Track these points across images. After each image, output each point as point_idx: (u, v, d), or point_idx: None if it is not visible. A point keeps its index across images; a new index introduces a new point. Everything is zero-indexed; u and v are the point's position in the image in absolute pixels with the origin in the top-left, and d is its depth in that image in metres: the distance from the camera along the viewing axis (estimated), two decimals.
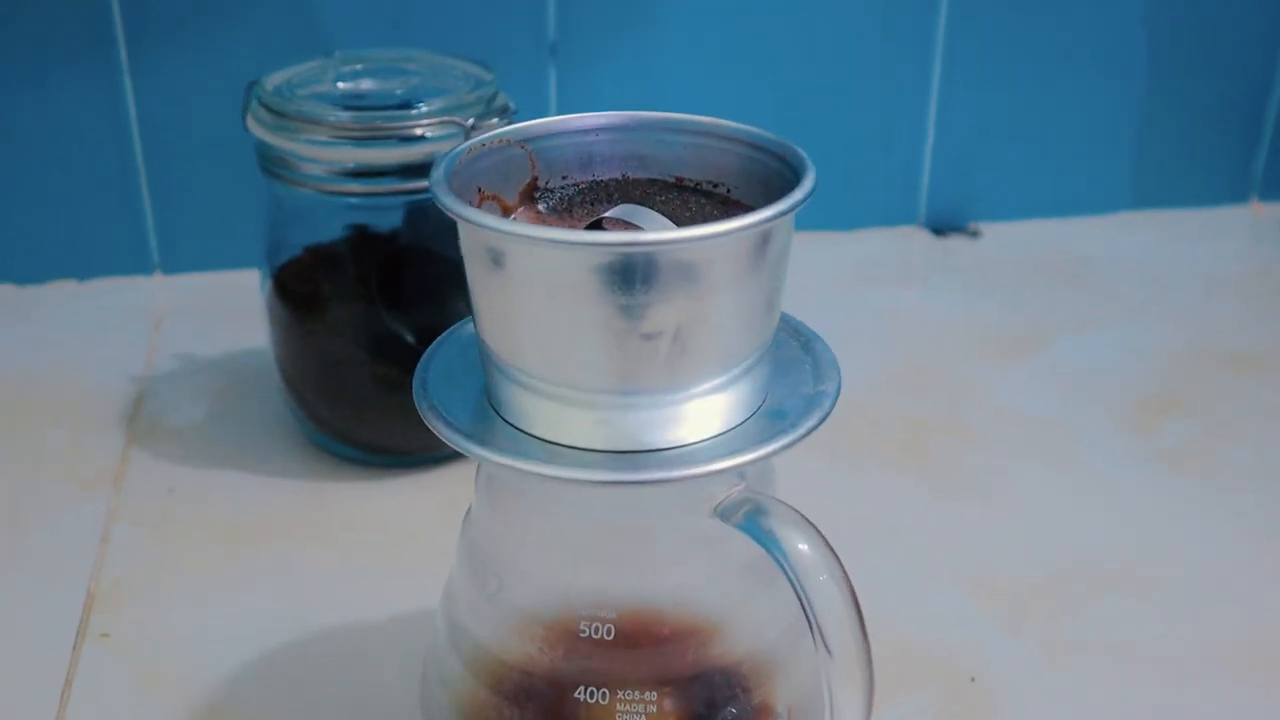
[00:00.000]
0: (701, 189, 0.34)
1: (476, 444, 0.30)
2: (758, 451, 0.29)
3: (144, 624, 0.42)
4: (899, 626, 0.42)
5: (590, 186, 0.35)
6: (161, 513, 0.48)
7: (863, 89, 0.68)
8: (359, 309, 0.48)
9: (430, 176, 0.30)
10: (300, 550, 0.46)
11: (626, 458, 0.30)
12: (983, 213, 0.72)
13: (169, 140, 0.63)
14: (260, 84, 0.47)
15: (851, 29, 0.67)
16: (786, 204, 0.29)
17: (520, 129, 0.33)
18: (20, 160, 0.62)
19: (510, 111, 0.47)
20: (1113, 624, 0.43)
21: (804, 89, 0.68)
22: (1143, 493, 0.50)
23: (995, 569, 0.45)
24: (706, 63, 0.66)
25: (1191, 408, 0.55)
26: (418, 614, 0.43)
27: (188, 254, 0.65)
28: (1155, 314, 0.63)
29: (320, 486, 0.49)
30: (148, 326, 0.61)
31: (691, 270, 0.28)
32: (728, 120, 0.34)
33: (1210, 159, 0.74)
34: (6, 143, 0.62)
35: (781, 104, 0.68)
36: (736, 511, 0.30)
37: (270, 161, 0.47)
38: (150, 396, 0.55)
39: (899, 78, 0.69)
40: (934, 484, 0.50)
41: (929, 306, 0.64)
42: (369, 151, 0.45)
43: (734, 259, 0.29)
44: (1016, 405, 0.55)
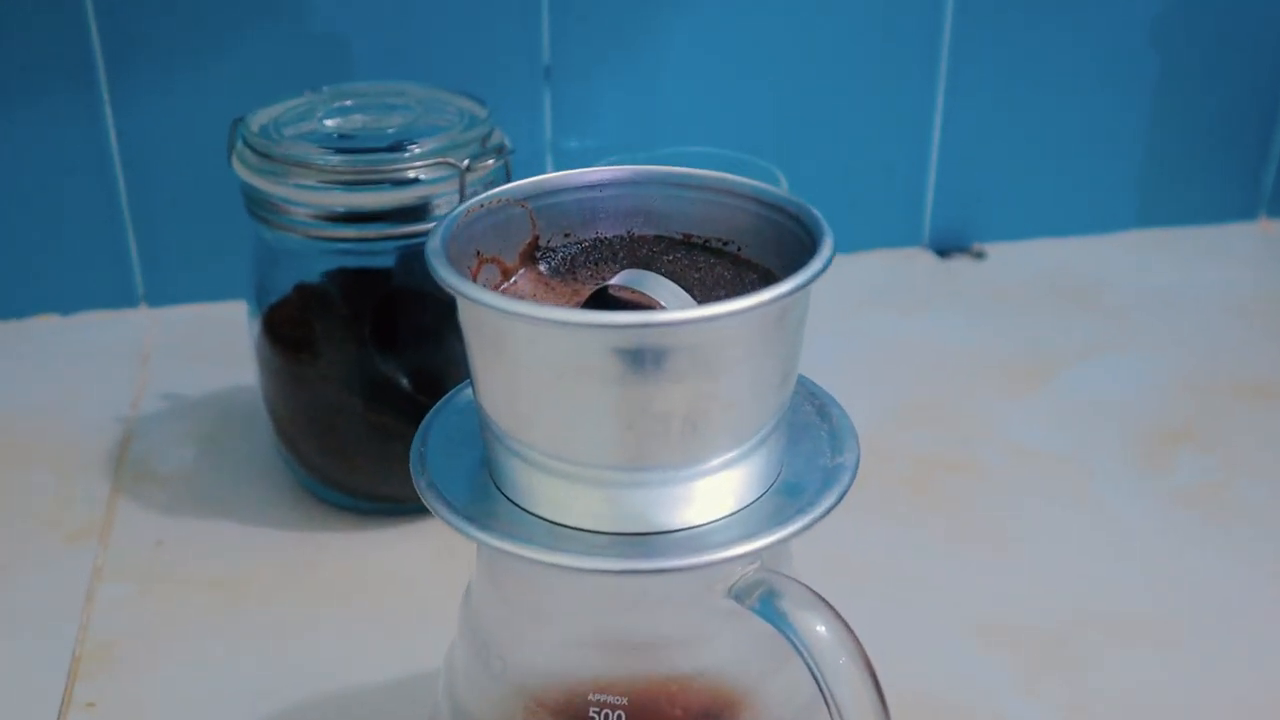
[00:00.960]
0: (710, 246, 0.33)
1: (479, 529, 0.28)
2: (774, 535, 0.28)
3: (131, 692, 0.41)
4: (908, 682, 0.40)
5: (594, 245, 0.33)
6: (149, 568, 0.46)
7: (865, 107, 0.67)
8: (351, 353, 0.46)
9: (427, 246, 0.29)
10: (294, 609, 0.44)
11: (636, 541, 0.28)
12: (987, 233, 0.71)
13: (152, 169, 0.61)
14: (245, 122, 0.45)
15: (853, 46, 0.65)
16: (807, 275, 0.27)
17: (519, 187, 0.32)
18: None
19: (506, 150, 0.45)
20: (1132, 681, 0.41)
21: (805, 108, 0.66)
22: (1159, 536, 0.48)
23: (1009, 619, 0.44)
24: (705, 83, 0.64)
25: (1205, 440, 0.54)
26: (417, 679, 0.41)
27: (174, 286, 0.64)
28: (1165, 340, 0.62)
29: (313, 537, 0.48)
30: (134, 362, 0.59)
31: (706, 347, 0.26)
32: (737, 176, 0.32)
33: (1217, 175, 0.72)
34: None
35: (782, 123, 0.66)
36: (751, 594, 0.29)
37: (257, 205, 0.45)
38: (137, 439, 0.54)
39: (902, 96, 0.67)
40: (944, 527, 0.48)
41: (934, 333, 0.63)
42: (360, 196, 0.43)
43: (750, 333, 0.27)
44: (1027, 439, 0.54)
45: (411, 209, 0.44)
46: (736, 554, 0.28)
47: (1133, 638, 0.43)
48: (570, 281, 0.32)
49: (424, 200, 0.44)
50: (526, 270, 0.32)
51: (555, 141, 0.64)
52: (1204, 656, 0.42)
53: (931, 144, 0.68)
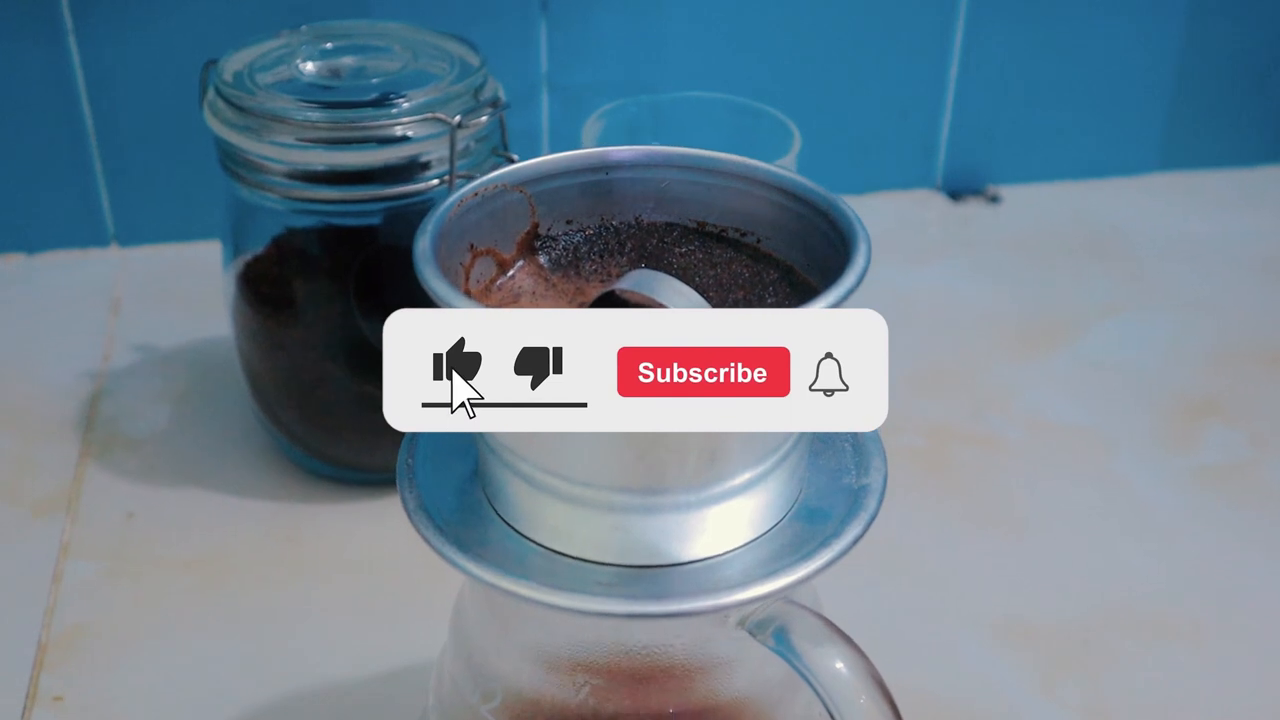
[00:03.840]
0: (727, 237, 0.30)
1: (473, 560, 0.26)
2: (796, 574, 0.26)
3: (102, 683, 0.38)
4: (916, 680, 0.39)
5: (598, 233, 0.30)
6: (120, 543, 0.44)
7: (878, 37, 0.63)
8: (335, 316, 0.43)
9: (415, 247, 0.26)
10: (274, 591, 0.42)
11: (645, 577, 0.26)
12: (1003, 175, 0.68)
13: (120, 99, 0.57)
14: (219, 68, 0.42)
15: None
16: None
17: (517, 171, 0.29)
18: None
19: (501, 104, 0.41)
20: (1155, 682, 0.39)
21: (814, 36, 0.62)
22: (1184, 522, 0.46)
23: (1024, 614, 0.42)
24: (711, 20, 0.60)
25: (1232, 413, 0.51)
26: (408, 671, 0.39)
27: (146, 224, 0.60)
28: (1188, 298, 0.59)
29: (294, 509, 0.45)
30: (104, 309, 0.56)
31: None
32: (760, 161, 0.29)
33: (1246, 116, 0.69)
34: None
35: (789, 52, 0.62)
36: (765, 628, 0.26)
37: (231, 160, 0.41)
38: (107, 397, 0.51)
39: (918, 24, 0.63)
40: (957, 509, 0.46)
41: (947, 287, 0.60)
42: (343, 155, 0.40)
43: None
44: (1045, 410, 0.51)
45: (399, 168, 0.40)
46: (755, 595, 0.25)
47: (1155, 634, 0.41)
48: (573, 278, 0.29)
49: (412, 158, 0.40)
50: (525, 262, 0.29)
51: (552, 77, 0.60)
52: (1230, 654, 0.40)
53: (948, 77, 0.65)
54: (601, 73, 0.60)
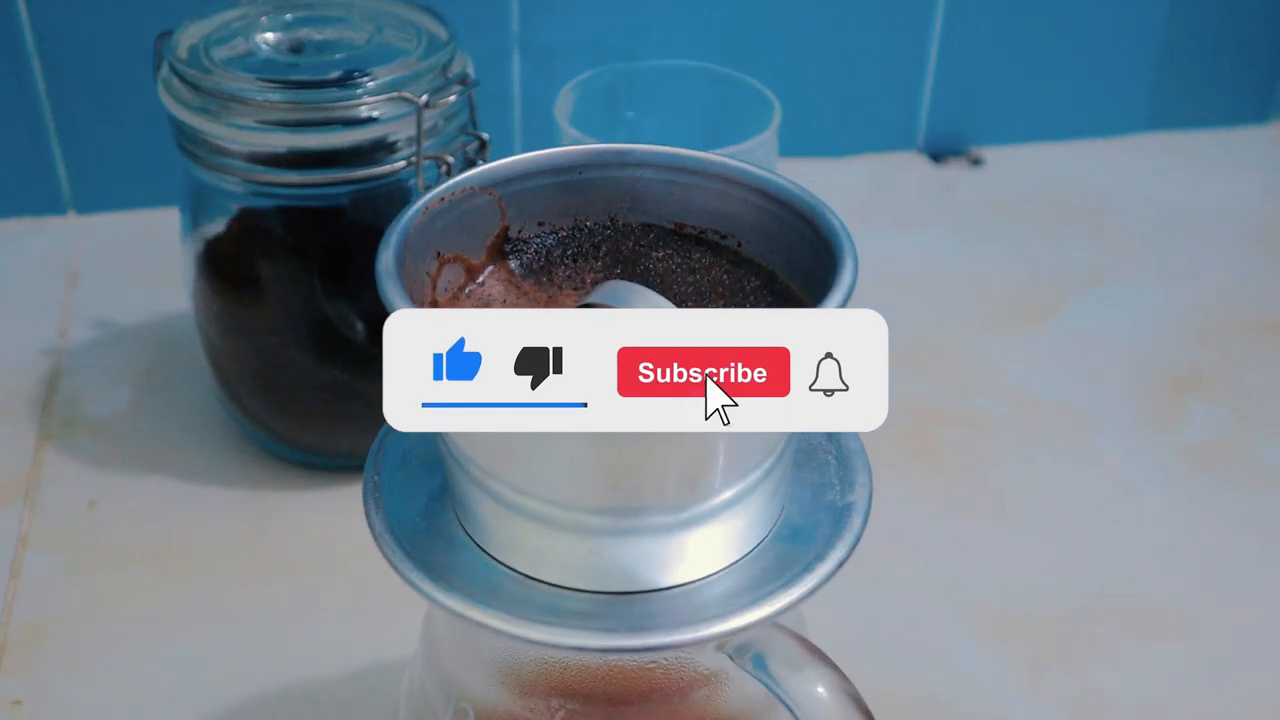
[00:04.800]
0: (706, 240, 0.28)
1: (443, 589, 0.25)
2: (779, 602, 0.25)
3: (63, 687, 0.37)
4: (897, 674, 0.38)
5: (572, 235, 0.29)
6: (82, 534, 0.42)
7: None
8: (299, 302, 0.42)
9: (377, 263, 0.25)
10: (242, 582, 0.41)
11: (623, 603, 0.25)
12: (986, 136, 0.66)
13: (74, 62, 0.55)
14: (173, 42, 0.40)
15: None
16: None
17: (487, 172, 0.27)
18: None
19: (470, 82, 0.40)
20: (1143, 672, 0.39)
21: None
22: (1170, 505, 0.45)
23: (1008, 602, 0.41)
24: None
25: (1217, 389, 0.50)
26: (380, 670, 0.38)
27: (104, 191, 0.58)
28: (1173, 266, 0.58)
29: (262, 498, 0.44)
30: (62, 281, 0.54)
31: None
32: (738, 160, 0.28)
33: (1232, 76, 0.67)
34: None
35: (770, 14, 0.60)
36: (744, 653, 0.26)
37: (187, 140, 0.40)
38: (66, 376, 0.49)
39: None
40: (940, 495, 0.45)
41: (928, 255, 0.58)
42: (307, 137, 0.38)
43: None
44: (1030, 387, 0.50)
45: (365, 149, 0.39)
46: (736, 627, 0.24)
47: (1142, 624, 0.40)
48: (545, 285, 0.28)
49: (379, 140, 0.39)
50: (495, 268, 0.28)
51: (523, 36, 0.58)
52: (1219, 643, 0.40)
53: (931, 34, 0.63)
54: (575, 32, 0.58)
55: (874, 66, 0.63)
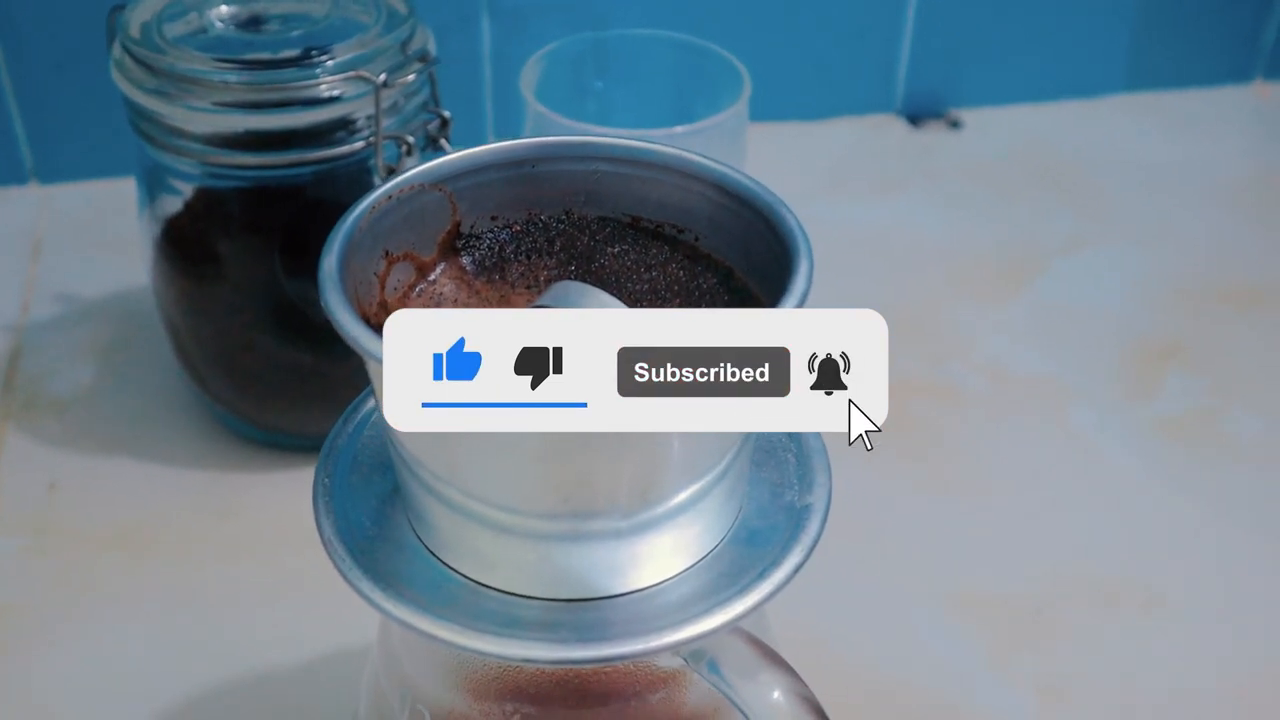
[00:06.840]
0: (663, 234, 0.28)
1: (393, 599, 0.24)
2: (733, 610, 0.24)
3: (22, 671, 0.37)
4: (865, 654, 0.38)
5: (525, 229, 0.28)
6: (43, 517, 0.42)
7: None
8: (260, 281, 0.41)
9: (320, 267, 0.24)
10: (207, 566, 0.40)
11: (575, 610, 0.25)
12: (965, 98, 0.65)
13: (31, 25, 0.54)
14: (125, 19, 0.39)
15: None
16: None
17: (436, 168, 0.27)
18: None
19: (430, 60, 0.39)
20: (1112, 651, 0.39)
21: None
22: (1142, 478, 0.45)
23: (977, 580, 0.41)
24: None
25: (1195, 358, 0.50)
26: (349, 655, 0.38)
27: (66, 160, 0.57)
28: (1152, 232, 0.58)
29: (228, 479, 0.43)
30: (23, 253, 0.53)
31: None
32: (697, 154, 0.27)
33: (1213, 34, 0.66)
34: None
35: None
36: (700, 659, 0.25)
37: (142, 121, 0.39)
38: (28, 353, 0.48)
39: None
40: (910, 470, 0.45)
41: (905, 221, 0.58)
42: (265, 118, 0.37)
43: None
44: (1005, 357, 0.50)
45: (325, 129, 0.38)
46: (690, 636, 0.24)
47: (1111, 602, 0.40)
48: (498, 283, 0.27)
49: (340, 119, 0.38)
50: (447, 265, 0.27)
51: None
52: (1188, 621, 0.40)
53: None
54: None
55: (851, 28, 0.62)
